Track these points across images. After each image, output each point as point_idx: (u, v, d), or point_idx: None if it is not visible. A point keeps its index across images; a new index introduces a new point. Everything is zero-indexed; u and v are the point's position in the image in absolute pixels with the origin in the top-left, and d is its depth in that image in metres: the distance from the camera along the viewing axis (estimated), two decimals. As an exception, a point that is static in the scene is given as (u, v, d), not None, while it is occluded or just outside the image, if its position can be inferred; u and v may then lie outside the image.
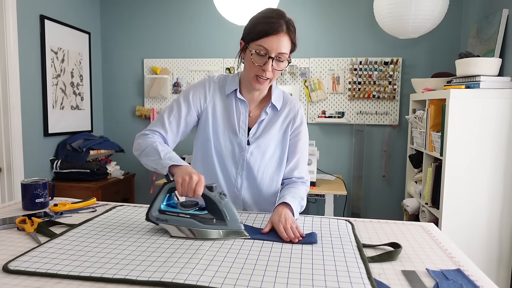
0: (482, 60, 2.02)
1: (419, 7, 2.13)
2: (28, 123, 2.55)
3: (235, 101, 1.27)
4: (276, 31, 1.11)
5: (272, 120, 1.29)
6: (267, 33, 1.11)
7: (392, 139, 3.05)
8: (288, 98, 1.33)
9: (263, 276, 0.78)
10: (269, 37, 1.11)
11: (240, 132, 1.26)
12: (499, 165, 2.02)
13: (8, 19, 2.32)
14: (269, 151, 1.28)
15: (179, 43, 3.26)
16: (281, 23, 1.12)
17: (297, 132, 1.31)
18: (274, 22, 1.11)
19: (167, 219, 1.02)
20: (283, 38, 1.12)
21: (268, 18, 1.13)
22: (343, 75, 3.04)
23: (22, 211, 1.26)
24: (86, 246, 0.93)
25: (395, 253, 0.90)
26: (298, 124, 1.30)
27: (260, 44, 1.12)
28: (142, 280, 0.75)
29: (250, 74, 1.18)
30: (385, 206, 3.12)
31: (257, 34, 1.13)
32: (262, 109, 1.29)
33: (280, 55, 1.14)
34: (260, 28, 1.12)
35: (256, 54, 1.14)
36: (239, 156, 1.27)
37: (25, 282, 0.75)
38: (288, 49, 1.15)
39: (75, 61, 3.02)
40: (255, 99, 1.29)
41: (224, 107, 1.28)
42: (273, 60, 1.14)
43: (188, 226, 1.01)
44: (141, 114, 3.33)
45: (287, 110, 1.30)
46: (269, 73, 1.16)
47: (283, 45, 1.13)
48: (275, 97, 1.28)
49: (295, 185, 1.28)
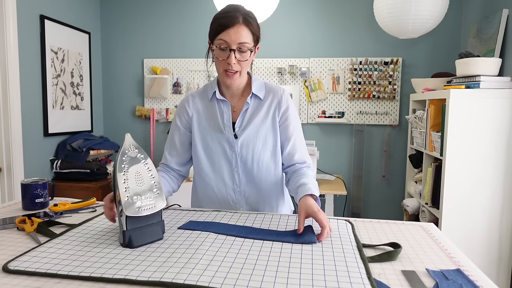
0: (482, 60, 2.02)
1: (419, 7, 2.13)
2: (28, 123, 2.55)
3: (216, 102, 1.32)
4: (232, 24, 1.16)
5: (257, 109, 1.30)
6: (224, 27, 1.16)
7: (392, 139, 3.05)
8: (270, 86, 1.35)
9: (263, 276, 0.78)
10: (227, 30, 1.16)
11: (225, 129, 1.29)
12: (499, 165, 2.02)
13: (8, 19, 2.32)
14: (260, 140, 1.29)
15: (179, 43, 3.26)
16: (236, 15, 1.17)
17: (285, 117, 1.31)
18: (230, 15, 1.17)
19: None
20: (240, 29, 1.16)
21: (224, 13, 1.19)
22: (343, 75, 3.04)
23: (22, 211, 1.26)
24: (86, 246, 0.93)
25: (395, 253, 0.90)
26: (285, 108, 1.31)
27: (220, 38, 1.17)
28: (142, 280, 0.75)
29: (219, 70, 1.24)
30: (385, 206, 3.12)
31: (216, 30, 1.19)
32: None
33: (240, 45, 1.17)
34: (218, 23, 1.18)
35: (218, 49, 1.19)
36: (231, 153, 1.29)
37: (25, 282, 0.75)
38: (248, 39, 1.18)
39: (75, 61, 3.02)
40: (235, 94, 1.32)
41: (208, 111, 1.32)
42: (235, 51, 1.18)
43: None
44: (141, 114, 3.33)
45: (271, 97, 1.32)
46: (235, 65, 1.19)
47: (242, 35, 1.17)
48: (255, 87, 1.31)
49: (304, 172, 1.25)
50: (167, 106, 3.30)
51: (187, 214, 1.22)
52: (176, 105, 3.28)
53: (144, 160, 0.99)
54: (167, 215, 1.20)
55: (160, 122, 3.34)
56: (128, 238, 0.92)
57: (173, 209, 1.28)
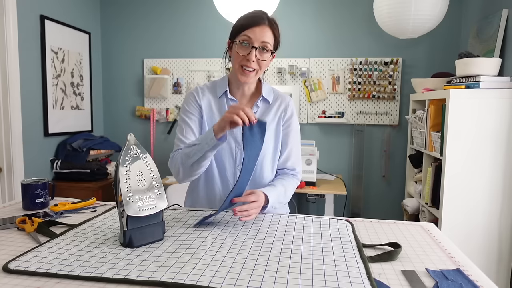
0: (482, 60, 2.02)
1: (419, 7, 2.13)
2: (28, 123, 2.55)
3: (226, 101, 1.33)
4: (258, 23, 1.20)
5: (265, 113, 1.33)
6: (250, 25, 1.20)
7: (392, 139, 3.05)
8: (278, 92, 1.39)
9: (263, 276, 0.78)
10: (252, 28, 1.20)
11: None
12: (499, 165, 2.02)
13: (8, 19, 2.32)
14: (265, 142, 1.29)
15: (179, 43, 3.26)
16: (263, 17, 1.21)
17: (288, 123, 1.36)
18: (257, 15, 1.22)
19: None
20: (265, 29, 1.21)
21: (251, 13, 1.24)
22: (343, 75, 3.04)
23: (22, 211, 1.26)
24: (86, 246, 0.93)
25: (395, 253, 0.90)
26: (289, 115, 1.36)
27: (245, 34, 1.21)
28: (142, 280, 0.75)
29: (236, 65, 1.25)
30: (385, 206, 3.12)
31: (240, 26, 1.22)
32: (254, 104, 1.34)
33: (263, 44, 1.21)
34: (244, 22, 1.22)
35: (240, 45, 1.22)
36: (236, 151, 1.31)
37: (25, 282, 0.75)
38: (271, 40, 1.22)
39: (75, 61, 3.02)
40: (245, 95, 1.34)
41: (217, 107, 1.33)
42: (257, 50, 1.20)
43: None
44: (141, 114, 3.33)
45: (279, 102, 1.36)
46: (254, 63, 1.21)
47: (266, 35, 1.21)
48: (265, 92, 1.34)
49: (285, 177, 1.33)
50: (167, 106, 3.30)
51: (187, 214, 1.22)
52: (176, 105, 3.28)
53: (143, 155, 0.99)
54: (167, 215, 1.20)
55: (160, 122, 3.34)
56: (128, 238, 0.92)
57: (173, 209, 1.29)
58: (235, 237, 1.01)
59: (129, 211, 0.91)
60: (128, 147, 0.98)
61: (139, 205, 0.93)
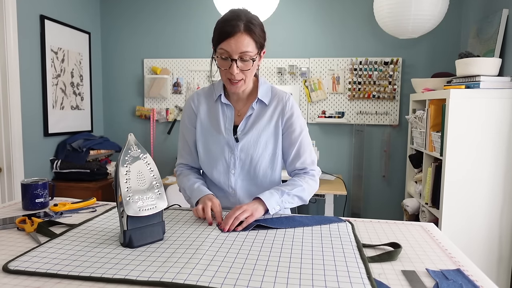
0: (482, 60, 2.02)
1: (419, 7, 2.13)
2: (28, 123, 2.55)
3: (221, 105, 1.32)
4: (232, 33, 1.12)
5: (260, 114, 1.30)
6: (225, 37, 1.13)
7: (392, 139, 3.05)
8: (276, 91, 1.33)
9: (263, 276, 0.78)
10: (227, 40, 1.13)
11: (226, 132, 1.29)
12: (499, 165, 2.02)
13: (8, 19, 2.32)
14: (260, 145, 1.29)
15: (179, 43, 3.26)
16: (237, 24, 1.12)
17: (289, 124, 1.30)
18: (230, 24, 1.13)
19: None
20: (240, 38, 1.12)
21: (225, 21, 1.15)
22: (343, 75, 3.04)
23: (22, 211, 1.26)
24: (86, 246, 0.93)
25: (395, 253, 0.90)
26: (288, 116, 1.29)
27: (221, 48, 1.15)
28: (142, 280, 0.75)
29: (223, 78, 1.23)
30: (385, 206, 3.12)
31: (217, 39, 1.16)
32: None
33: (242, 54, 1.14)
34: (218, 32, 1.15)
35: (220, 59, 1.17)
36: (229, 155, 1.29)
37: (25, 282, 0.75)
38: (251, 47, 1.15)
39: (75, 61, 3.02)
40: (241, 98, 1.32)
41: (212, 111, 1.32)
42: (237, 61, 1.15)
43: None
44: (141, 114, 3.33)
45: (275, 103, 1.30)
46: (238, 74, 1.17)
47: (243, 45, 1.13)
48: (261, 93, 1.29)
49: (294, 180, 1.28)
50: (167, 106, 3.30)
51: (187, 214, 1.22)
52: (176, 105, 3.28)
53: (143, 155, 0.99)
54: (167, 215, 1.20)
55: (160, 122, 3.34)
56: (128, 238, 0.92)
57: (173, 209, 1.29)
58: (235, 237, 1.01)
59: (129, 211, 0.91)
60: (128, 147, 0.98)
61: (139, 205, 0.93)
